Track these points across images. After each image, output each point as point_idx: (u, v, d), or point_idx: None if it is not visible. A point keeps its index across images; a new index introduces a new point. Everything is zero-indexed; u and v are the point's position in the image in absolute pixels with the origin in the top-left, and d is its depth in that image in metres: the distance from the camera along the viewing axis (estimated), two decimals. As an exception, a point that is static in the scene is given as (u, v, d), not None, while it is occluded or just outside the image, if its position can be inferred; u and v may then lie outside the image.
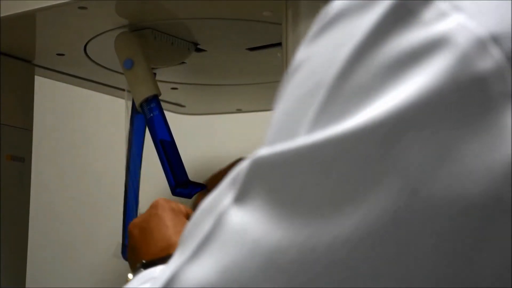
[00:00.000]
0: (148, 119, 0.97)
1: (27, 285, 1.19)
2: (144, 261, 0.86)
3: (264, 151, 0.46)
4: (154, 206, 0.91)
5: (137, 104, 0.99)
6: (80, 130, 1.97)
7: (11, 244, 1.13)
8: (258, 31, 0.99)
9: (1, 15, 0.98)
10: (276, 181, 0.46)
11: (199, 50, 1.07)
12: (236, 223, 0.46)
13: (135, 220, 0.93)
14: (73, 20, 1.00)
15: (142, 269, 0.84)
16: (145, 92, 0.98)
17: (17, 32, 1.06)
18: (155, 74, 1.02)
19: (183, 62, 1.08)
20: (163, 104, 1.20)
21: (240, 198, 0.47)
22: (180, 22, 1.00)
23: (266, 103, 0.94)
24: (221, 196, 0.48)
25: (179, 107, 1.39)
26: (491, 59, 0.43)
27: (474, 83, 0.43)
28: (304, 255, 0.44)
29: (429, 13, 0.45)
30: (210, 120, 1.50)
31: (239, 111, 1.40)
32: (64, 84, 1.26)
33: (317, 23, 0.49)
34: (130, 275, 0.87)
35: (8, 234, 1.12)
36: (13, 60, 1.14)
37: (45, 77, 1.20)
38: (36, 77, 1.18)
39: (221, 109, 1.40)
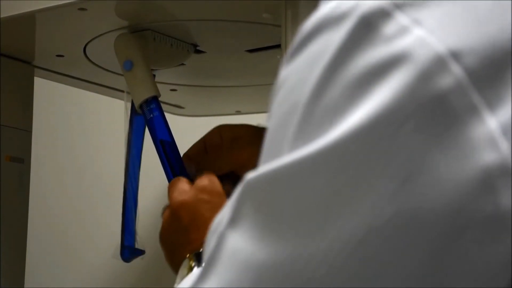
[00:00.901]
0: (148, 120, 0.98)
1: (26, 285, 1.19)
2: (197, 251, 0.85)
3: (253, 173, 0.48)
4: (204, 190, 0.90)
5: (136, 105, 0.99)
6: (79, 131, 1.97)
7: (10, 245, 1.13)
8: (257, 33, 1.00)
9: (1, 16, 0.98)
10: (261, 201, 0.48)
11: (198, 51, 1.07)
12: (230, 245, 0.48)
13: (181, 198, 0.91)
14: (72, 21, 1.00)
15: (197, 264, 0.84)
16: (145, 93, 0.98)
17: (17, 33, 1.06)
18: (154, 75, 1.03)
19: (182, 64, 1.09)
20: (162, 106, 1.21)
21: (234, 220, 0.49)
22: (180, 24, 1.00)
23: (265, 105, 0.94)
24: (223, 217, 0.50)
25: (178, 108, 1.39)
26: (451, 76, 0.43)
27: (434, 99, 0.43)
28: (287, 269, 0.46)
29: (390, 28, 0.45)
30: (209, 121, 1.50)
31: (238, 112, 1.40)
32: (63, 85, 1.26)
33: (295, 40, 0.50)
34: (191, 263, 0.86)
35: (7, 235, 1.12)
36: (13, 61, 1.14)
37: (44, 78, 1.21)
38: (35, 78, 1.19)
39: (220, 111, 1.41)
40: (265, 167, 0.47)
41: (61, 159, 2.02)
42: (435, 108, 0.43)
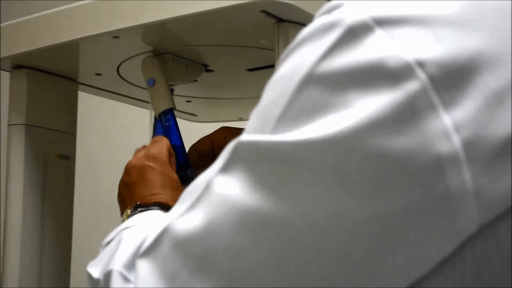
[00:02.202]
0: (164, 127, 0.98)
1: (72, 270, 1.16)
2: (138, 203, 0.83)
3: (244, 137, 0.47)
4: (152, 158, 0.87)
5: (156, 115, 1.00)
6: (114, 134, 1.97)
7: (57, 232, 1.12)
8: (256, 55, 1.00)
9: (53, 43, 0.99)
10: (249, 162, 0.47)
11: (208, 70, 1.07)
12: (220, 187, 0.47)
13: (134, 162, 0.88)
14: (108, 47, 1.00)
15: (136, 211, 0.81)
16: (163, 106, 0.98)
17: (65, 56, 1.06)
18: (173, 90, 1.03)
19: (195, 80, 1.08)
20: (179, 114, 1.21)
21: (225, 168, 0.48)
22: (193, 48, 1.00)
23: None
24: (214, 167, 0.49)
25: (192, 116, 1.39)
26: (418, 80, 0.43)
27: (404, 99, 0.43)
28: (268, 218, 0.45)
29: (370, 39, 0.44)
30: (217, 126, 1.50)
31: (240, 119, 1.40)
32: (100, 98, 1.26)
33: (291, 44, 0.49)
34: (128, 211, 0.83)
35: (53, 225, 1.11)
36: (62, 78, 1.14)
37: (86, 92, 1.21)
38: (79, 92, 1.19)
39: (226, 118, 1.40)
40: (252, 136, 0.47)
41: (97, 157, 2.02)
42: (406, 107, 0.43)
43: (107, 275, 0.59)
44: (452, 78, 0.43)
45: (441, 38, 0.44)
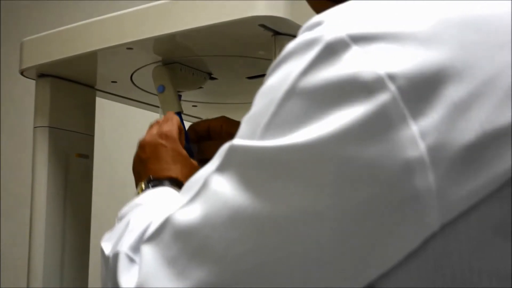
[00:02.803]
0: None
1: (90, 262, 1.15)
2: (151, 177, 0.82)
3: (236, 141, 0.48)
4: (164, 136, 0.86)
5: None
6: (128, 135, 1.97)
7: (77, 224, 1.12)
8: (255, 65, 1.00)
9: (73, 54, 0.99)
10: (239, 164, 0.47)
11: (212, 78, 1.07)
12: (215, 186, 0.48)
13: (148, 139, 0.87)
14: (122, 57, 1.00)
15: (150, 185, 0.81)
16: (171, 110, 0.98)
17: (84, 66, 1.07)
18: (180, 96, 1.03)
19: (201, 87, 1.08)
20: (186, 117, 1.21)
21: (220, 169, 0.49)
22: (199, 58, 1.00)
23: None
24: (211, 165, 0.50)
25: (198, 119, 1.39)
26: (389, 92, 0.43)
27: (377, 110, 0.43)
28: (254, 215, 0.46)
29: (347, 55, 0.44)
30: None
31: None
32: (115, 102, 1.26)
33: (278, 57, 0.49)
34: (142, 185, 0.83)
35: (74, 218, 1.10)
36: (81, 86, 1.14)
37: (103, 98, 1.21)
38: (96, 98, 1.19)
39: (228, 121, 1.40)
40: (243, 141, 0.47)
41: (113, 155, 2.02)
42: (379, 117, 0.43)
43: (115, 256, 0.59)
44: (419, 90, 0.43)
45: (410, 53, 0.43)
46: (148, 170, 0.84)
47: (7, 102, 1.85)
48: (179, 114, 0.98)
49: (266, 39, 0.85)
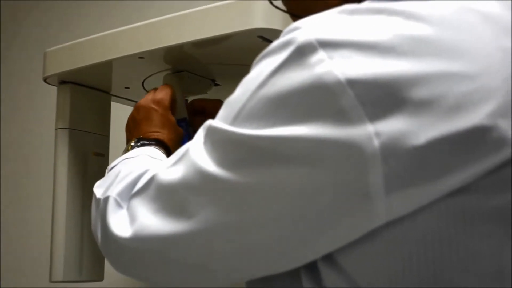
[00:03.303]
0: None
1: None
2: (141, 137, 0.85)
3: (213, 122, 0.50)
4: (156, 102, 0.88)
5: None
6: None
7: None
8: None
9: (91, 63, 1.01)
10: (214, 141, 0.50)
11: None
12: (193, 154, 0.50)
13: (142, 103, 0.89)
14: (135, 65, 1.01)
15: (138, 143, 0.83)
16: (178, 115, 0.98)
17: (101, 73, 1.08)
18: (187, 100, 1.03)
19: (205, 93, 1.09)
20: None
21: (200, 141, 0.51)
22: (204, 67, 1.01)
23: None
24: (196, 136, 0.52)
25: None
26: (348, 96, 0.44)
27: (339, 113, 0.44)
28: (218, 183, 0.48)
29: (314, 58, 0.45)
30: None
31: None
32: (128, 107, 1.25)
33: (261, 53, 0.50)
34: (131, 143, 0.85)
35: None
36: (98, 91, 1.15)
37: (117, 102, 1.21)
38: (111, 102, 1.19)
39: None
40: (218, 123, 0.50)
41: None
42: (341, 119, 0.44)
43: (106, 199, 0.62)
44: (375, 95, 0.43)
45: (370, 62, 0.44)
46: (139, 130, 0.86)
47: (8, 102, 1.84)
48: (184, 119, 0.98)
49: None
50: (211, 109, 0.96)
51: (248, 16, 0.83)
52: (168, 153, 0.83)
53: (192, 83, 1.02)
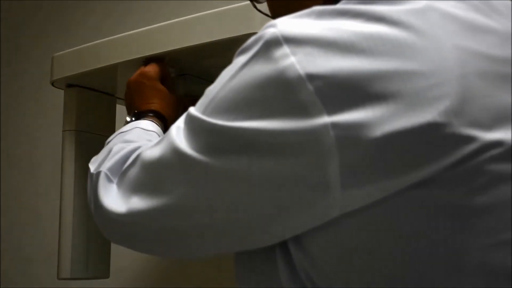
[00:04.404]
0: None
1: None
2: (136, 111, 0.88)
3: (191, 109, 0.53)
4: (143, 76, 0.91)
5: (170, 125, 0.99)
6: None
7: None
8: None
9: (97, 67, 1.02)
10: (190, 127, 0.52)
11: None
12: (173, 135, 0.53)
13: (132, 79, 0.92)
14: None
15: (133, 118, 0.86)
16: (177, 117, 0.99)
17: (106, 77, 1.09)
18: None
19: None
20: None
21: (180, 124, 0.54)
22: (207, 70, 1.02)
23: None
24: (179, 120, 0.55)
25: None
26: (307, 90, 0.45)
27: (299, 106, 0.45)
28: (191, 164, 0.51)
29: (278, 52, 0.47)
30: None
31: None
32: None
33: (239, 49, 0.52)
34: (127, 118, 0.89)
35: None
36: (103, 94, 1.16)
37: (122, 105, 1.19)
38: (117, 104, 1.20)
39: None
40: (194, 111, 0.52)
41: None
42: (300, 112, 0.45)
43: (98, 174, 0.66)
44: (334, 89, 0.45)
45: (331, 58, 0.46)
46: (133, 105, 0.90)
47: (8, 103, 1.85)
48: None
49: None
50: None
51: (250, 21, 0.84)
52: (164, 121, 0.87)
53: (194, 86, 1.03)
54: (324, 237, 0.48)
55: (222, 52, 0.92)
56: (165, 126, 0.87)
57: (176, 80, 1.02)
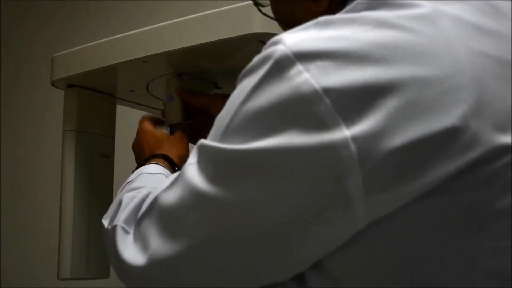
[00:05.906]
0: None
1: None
2: (141, 161, 0.87)
3: (204, 141, 0.51)
4: (141, 132, 0.93)
5: (167, 124, 1.00)
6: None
7: (100, 216, 1.06)
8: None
9: (97, 67, 1.02)
10: (206, 160, 0.50)
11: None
12: (188, 174, 0.52)
13: (134, 141, 0.94)
14: (139, 69, 1.02)
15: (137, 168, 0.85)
16: (174, 119, 0.99)
17: (106, 77, 1.09)
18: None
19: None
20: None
21: (194, 161, 0.52)
22: (206, 70, 1.02)
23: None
24: (191, 156, 0.53)
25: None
26: (324, 103, 0.45)
27: (317, 120, 0.45)
28: (213, 202, 0.49)
29: (292, 71, 0.46)
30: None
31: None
32: (132, 109, 1.26)
33: (243, 70, 0.51)
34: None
35: (98, 210, 1.09)
36: (103, 94, 1.16)
37: (122, 105, 1.22)
38: (117, 105, 1.20)
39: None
40: (208, 142, 0.51)
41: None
42: (317, 125, 0.45)
43: (113, 228, 0.64)
44: (351, 101, 0.44)
45: (344, 70, 0.45)
46: (140, 159, 0.90)
47: (14, 105, 1.85)
48: (178, 124, 0.98)
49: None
50: (210, 107, 0.97)
51: (249, 21, 0.83)
52: (170, 162, 0.85)
53: (194, 86, 1.03)
54: (348, 253, 0.47)
55: (222, 52, 0.92)
56: (174, 167, 0.86)
57: (175, 81, 1.02)
